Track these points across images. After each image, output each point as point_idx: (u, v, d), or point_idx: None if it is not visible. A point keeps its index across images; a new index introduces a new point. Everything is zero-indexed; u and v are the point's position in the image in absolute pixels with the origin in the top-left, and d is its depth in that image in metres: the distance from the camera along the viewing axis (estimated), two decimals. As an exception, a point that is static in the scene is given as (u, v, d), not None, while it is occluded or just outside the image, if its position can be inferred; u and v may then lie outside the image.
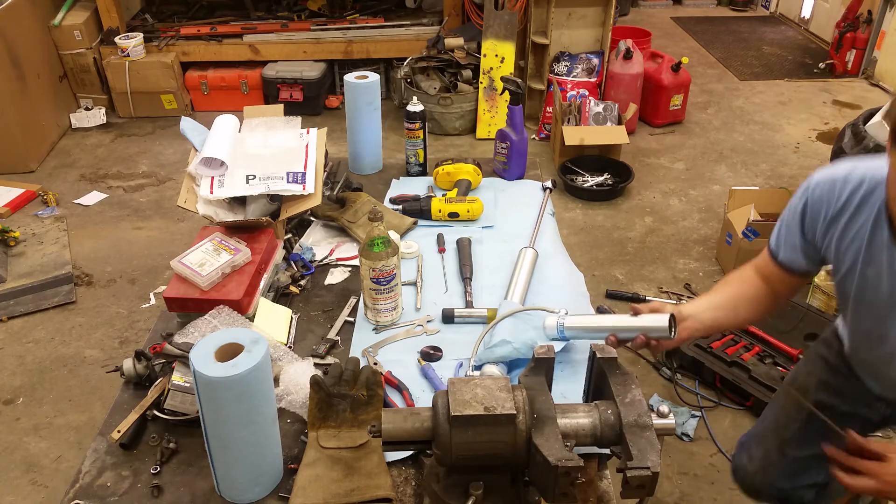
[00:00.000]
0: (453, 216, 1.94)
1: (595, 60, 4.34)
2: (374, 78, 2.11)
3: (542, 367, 1.17)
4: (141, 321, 3.00)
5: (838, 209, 1.27)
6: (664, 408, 1.10)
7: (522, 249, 1.74)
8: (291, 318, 1.62)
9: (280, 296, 1.69)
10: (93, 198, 3.88)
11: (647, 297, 3.08)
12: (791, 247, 1.38)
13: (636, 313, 1.39)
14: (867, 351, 1.43)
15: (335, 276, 1.77)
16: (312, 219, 1.96)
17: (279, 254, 1.75)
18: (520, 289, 1.63)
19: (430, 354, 1.51)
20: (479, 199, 1.97)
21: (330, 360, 1.49)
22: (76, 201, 3.85)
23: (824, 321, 2.71)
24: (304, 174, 1.79)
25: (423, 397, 1.41)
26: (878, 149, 2.49)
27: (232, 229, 1.70)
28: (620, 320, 1.41)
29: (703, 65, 5.59)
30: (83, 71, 4.62)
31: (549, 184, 2.10)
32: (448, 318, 1.59)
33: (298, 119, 1.99)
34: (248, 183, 1.76)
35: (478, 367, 1.44)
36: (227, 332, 1.15)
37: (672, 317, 1.35)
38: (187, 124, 1.90)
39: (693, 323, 1.40)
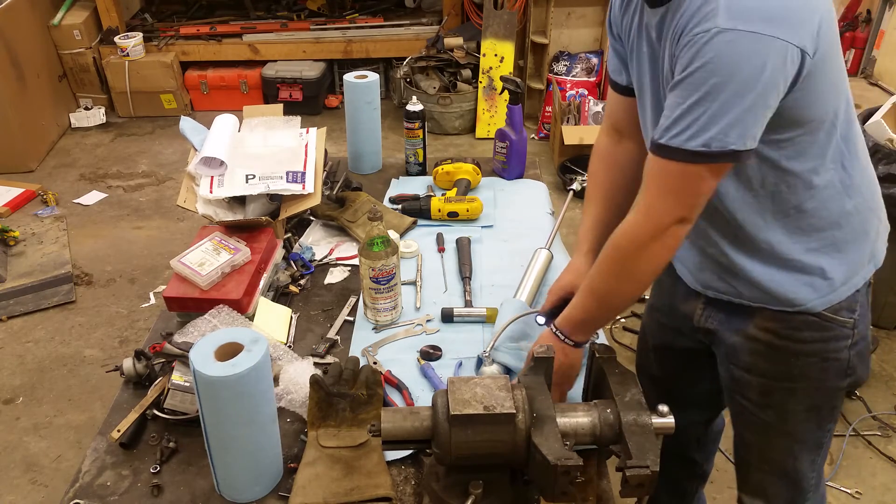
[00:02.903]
0: (453, 216, 1.94)
1: (594, 60, 4.34)
2: (373, 77, 2.12)
3: (541, 367, 1.17)
4: (141, 321, 3.00)
5: None
6: (663, 407, 1.10)
7: (537, 250, 1.72)
8: (291, 317, 1.62)
9: (280, 295, 1.69)
10: (92, 197, 3.89)
11: (645, 297, 3.06)
12: (612, 56, 1.34)
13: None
14: None
15: (335, 276, 1.77)
16: (312, 218, 1.97)
17: (279, 253, 1.75)
18: (528, 288, 1.63)
19: (430, 354, 1.51)
20: (478, 198, 1.97)
21: (329, 359, 1.49)
22: (76, 201, 3.85)
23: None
24: (303, 174, 1.79)
25: (423, 396, 1.41)
26: (877, 149, 2.49)
27: (231, 229, 1.70)
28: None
29: (703, 64, 5.58)
30: (83, 70, 4.62)
31: (574, 186, 2.09)
32: (447, 317, 1.59)
33: (298, 119, 1.99)
34: (247, 182, 1.76)
35: (478, 364, 1.45)
36: (227, 331, 1.15)
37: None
38: (187, 124, 1.90)
39: (592, 257, 1.37)
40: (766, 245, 1.21)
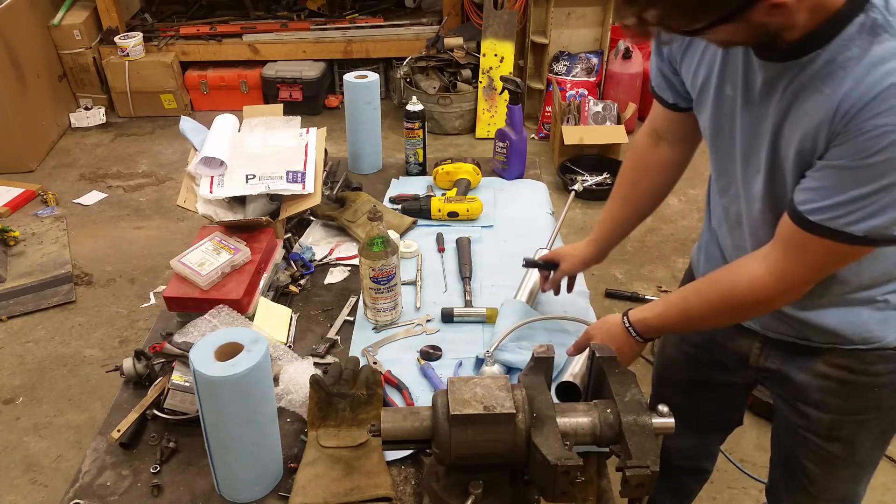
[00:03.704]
0: (453, 216, 1.94)
1: (594, 60, 4.34)
2: (373, 77, 2.12)
3: (541, 367, 1.17)
4: (141, 321, 3.00)
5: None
6: (663, 407, 1.10)
7: (538, 250, 1.72)
8: (291, 317, 1.62)
9: (280, 295, 1.69)
10: (92, 197, 3.89)
11: (645, 297, 3.08)
12: (657, 74, 1.31)
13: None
14: (732, 215, 1.26)
15: (335, 276, 1.77)
16: (312, 218, 1.97)
17: (279, 253, 1.75)
18: (528, 289, 1.63)
19: (430, 354, 1.51)
20: (478, 198, 1.97)
21: (329, 359, 1.49)
22: (76, 201, 3.85)
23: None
24: (303, 174, 1.79)
25: (423, 396, 1.41)
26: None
27: (232, 229, 1.70)
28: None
29: (703, 64, 5.58)
30: (83, 70, 4.62)
31: (576, 186, 2.09)
32: (447, 317, 1.59)
33: (298, 119, 1.99)
34: (247, 182, 1.76)
35: (479, 362, 1.44)
36: (227, 331, 1.15)
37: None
38: (187, 124, 1.90)
39: (594, 247, 1.54)
40: (842, 294, 1.18)
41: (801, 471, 1.39)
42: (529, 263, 1.59)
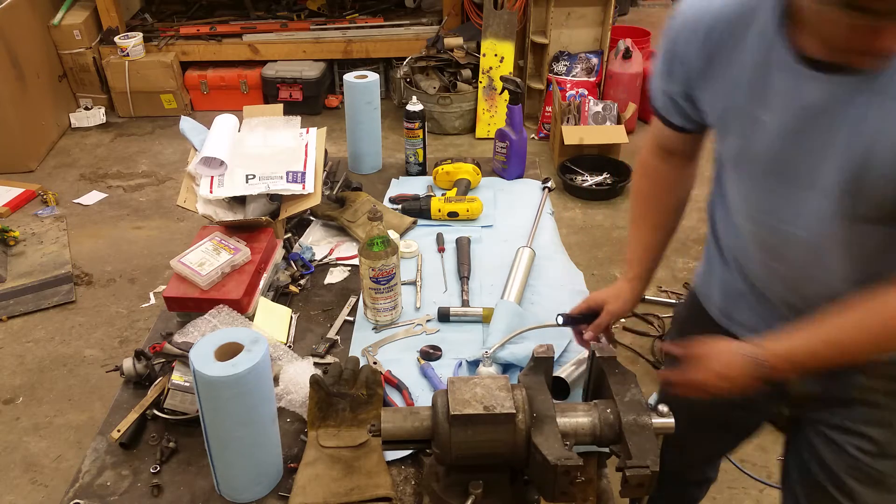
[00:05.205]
0: (453, 216, 1.94)
1: (594, 60, 4.34)
2: (373, 77, 2.12)
3: (541, 367, 1.17)
4: (141, 321, 3.00)
5: (713, 49, 1.09)
6: (663, 407, 1.10)
7: (520, 249, 1.74)
8: (291, 317, 1.62)
9: (280, 295, 1.69)
10: (92, 197, 3.89)
11: (645, 296, 3.07)
12: (662, 96, 1.24)
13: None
14: (766, 248, 1.19)
15: (335, 276, 1.77)
16: (312, 218, 1.97)
17: (279, 253, 1.75)
18: (516, 288, 1.64)
19: (430, 353, 1.51)
20: (478, 198, 1.97)
21: (329, 359, 1.50)
22: (76, 201, 3.85)
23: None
24: (303, 174, 1.79)
25: (423, 396, 1.41)
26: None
27: (232, 229, 1.70)
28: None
29: (703, 64, 5.58)
30: (83, 70, 4.62)
31: (549, 183, 2.10)
32: (443, 316, 1.59)
33: (298, 119, 1.99)
34: (247, 182, 1.76)
35: (475, 364, 1.44)
36: (227, 331, 1.15)
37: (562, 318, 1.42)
38: (187, 124, 1.90)
39: (637, 284, 1.42)
40: None
41: (839, 491, 1.29)
42: (568, 320, 1.42)
